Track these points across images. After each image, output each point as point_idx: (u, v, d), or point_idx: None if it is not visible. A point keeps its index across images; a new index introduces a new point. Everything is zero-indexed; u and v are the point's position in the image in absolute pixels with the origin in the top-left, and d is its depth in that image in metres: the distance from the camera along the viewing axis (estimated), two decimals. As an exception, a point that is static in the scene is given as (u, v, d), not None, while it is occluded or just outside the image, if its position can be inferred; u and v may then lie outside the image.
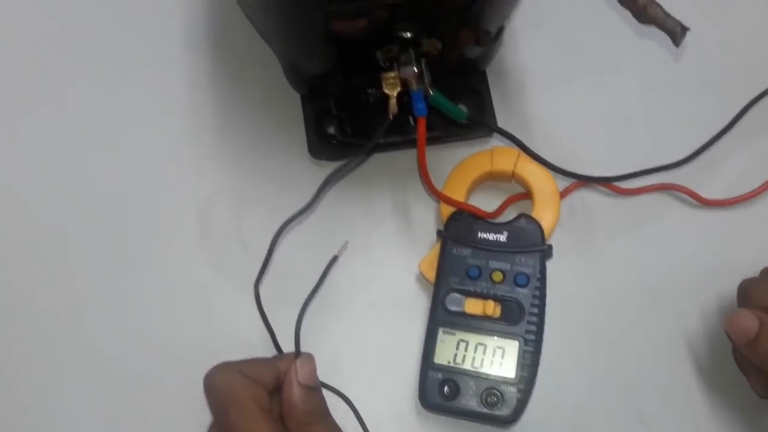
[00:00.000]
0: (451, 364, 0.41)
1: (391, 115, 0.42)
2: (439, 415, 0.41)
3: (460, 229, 0.43)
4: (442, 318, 0.42)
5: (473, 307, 0.42)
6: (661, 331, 0.44)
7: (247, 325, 0.43)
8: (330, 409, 0.39)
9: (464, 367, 0.41)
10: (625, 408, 0.42)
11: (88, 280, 0.44)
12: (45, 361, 0.43)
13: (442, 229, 0.44)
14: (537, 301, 0.41)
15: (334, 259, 0.44)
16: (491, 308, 0.41)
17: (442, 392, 0.40)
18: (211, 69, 0.49)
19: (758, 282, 0.40)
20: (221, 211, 0.46)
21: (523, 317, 0.41)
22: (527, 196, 0.45)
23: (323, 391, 0.40)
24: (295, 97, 0.47)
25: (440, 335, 0.41)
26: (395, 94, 0.41)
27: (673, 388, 0.43)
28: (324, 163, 0.46)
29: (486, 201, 0.45)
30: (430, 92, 0.41)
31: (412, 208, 0.46)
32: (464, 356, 0.41)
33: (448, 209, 0.44)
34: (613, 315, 0.44)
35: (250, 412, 0.35)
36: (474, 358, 0.41)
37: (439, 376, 0.41)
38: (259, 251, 0.43)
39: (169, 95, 0.48)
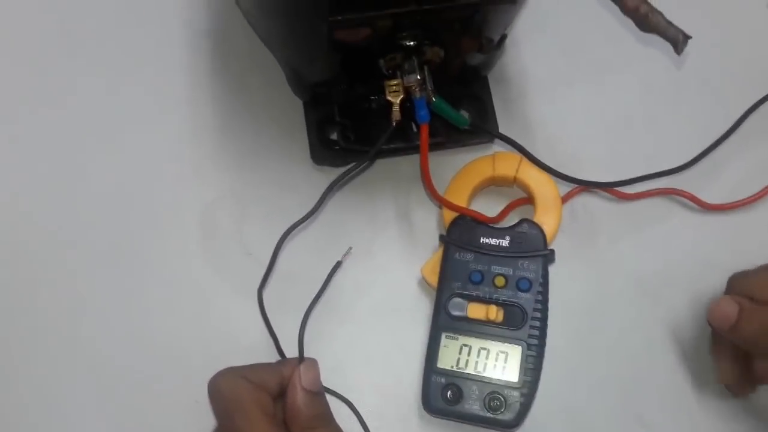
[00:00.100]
0: (454, 369, 0.41)
1: (394, 122, 0.42)
2: (442, 419, 0.42)
3: (463, 234, 0.43)
4: (445, 323, 0.42)
5: (476, 311, 0.42)
6: (663, 336, 0.44)
7: (251, 331, 0.43)
8: (334, 414, 0.39)
9: (467, 371, 0.41)
10: (628, 412, 0.42)
11: (90, 285, 0.45)
12: (46, 366, 0.43)
13: (444, 234, 0.44)
14: (540, 306, 0.42)
15: (338, 264, 0.44)
16: (494, 313, 0.42)
17: (445, 397, 0.41)
18: (213, 74, 0.49)
19: (745, 273, 0.41)
20: (223, 217, 0.46)
21: (526, 322, 0.41)
22: (529, 201, 0.45)
23: (327, 396, 0.40)
24: (298, 103, 0.47)
25: (443, 340, 0.42)
26: (398, 101, 0.42)
27: (675, 392, 0.43)
28: (326, 169, 0.46)
29: (488, 206, 0.45)
30: (433, 99, 0.41)
31: (414, 213, 0.46)
32: (467, 361, 0.41)
33: (451, 214, 0.44)
34: (615, 319, 0.44)
35: (255, 417, 0.35)
36: (477, 363, 0.41)
37: (442, 380, 0.41)
38: (261, 257, 0.43)
39: (170, 100, 0.48)
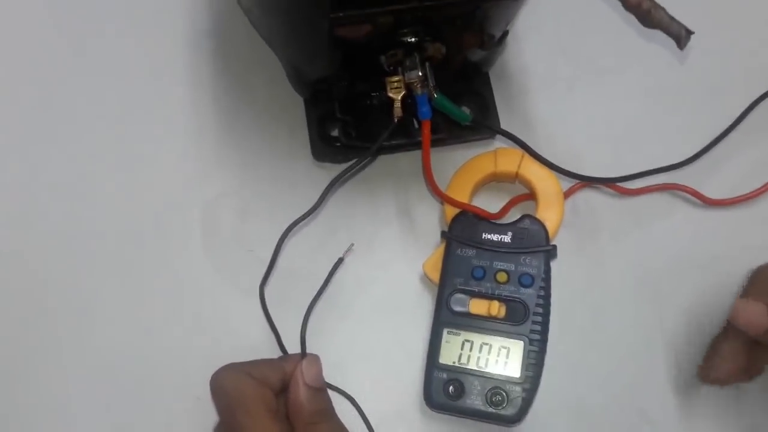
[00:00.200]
0: (456, 364, 0.41)
1: (395, 118, 0.42)
2: (444, 414, 0.42)
3: (465, 230, 0.43)
4: (447, 318, 0.42)
5: (478, 307, 0.42)
6: (665, 330, 0.44)
7: (253, 327, 0.43)
8: (336, 410, 0.39)
9: (469, 367, 0.41)
10: (630, 407, 0.43)
11: (94, 283, 0.45)
12: (50, 361, 0.43)
13: (446, 230, 0.44)
14: (542, 301, 0.42)
15: (340, 261, 0.44)
16: (496, 308, 0.42)
17: (447, 392, 0.41)
18: (214, 72, 0.49)
19: None
20: (225, 214, 0.46)
21: (528, 317, 0.41)
22: (531, 196, 0.45)
23: (329, 392, 0.40)
24: (299, 100, 0.47)
25: (445, 335, 0.42)
26: (400, 97, 0.42)
27: (679, 387, 0.43)
28: (327, 166, 0.47)
29: (490, 202, 0.45)
30: (435, 95, 0.41)
31: (416, 209, 0.46)
32: (469, 356, 0.41)
33: (453, 210, 0.44)
34: (617, 314, 0.44)
35: (258, 412, 0.36)
36: (479, 358, 0.41)
37: (444, 376, 0.41)
38: (263, 253, 0.43)
39: (172, 98, 0.48)
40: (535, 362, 0.41)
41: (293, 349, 0.42)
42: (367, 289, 0.44)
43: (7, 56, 0.50)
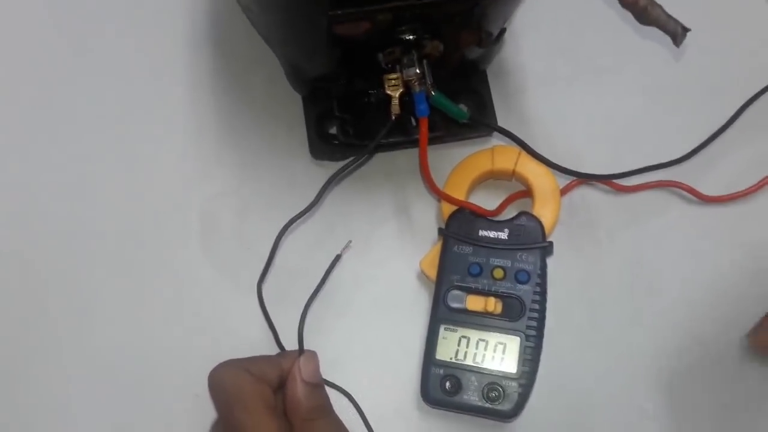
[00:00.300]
0: (453, 360, 0.41)
1: (393, 115, 0.42)
2: (441, 410, 0.42)
3: (462, 227, 0.44)
4: (444, 315, 0.42)
5: (474, 303, 0.42)
6: (662, 326, 0.44)
7: (250, 324, 0.43)
8: (333, 406, 0.39)
9: (466, 362, 0.41)
10: (626, 403, 0.43)
11: (93, 281, 0.45)
12: (49, 359, 0.44)
13: (443, 227, 0.44)
14: (538, 298, 0.42)
15: (338, 258, 0.44)
16: (492, 305, 0.42)
17: (444, 388, 0.41)
18: (212, 70, 0.49)
19: None
20: (224, 212, 0.46)
21: (524, 313, 0.42)
22: (528, 194, 0.46)
23: (327, 389, 0.41)
24: (297, 98, 0.47)
25: (442, 332, 0.42)
26: (397, 95, 0.42)
27: (674, 383, 0.43)
28: (325, 164, 0.47)
29: (487, 199, 0.46)
30: (432, 93, 0.41)
31: (413, 207, 0.46)
32: (466, 352, 0.41)
33: (450, 208, 0.44)
34: (613, 311, 0.44)
35: (256, 408, 0.36)
36: (475, 354, 0.41)
37: (441, 372, 0.41)
38: (261, 251, 0.44)
39: (171, 97, 0.49)
40: (531, 358, 0.41)
41: (291, 346, 0.42)
42: (365, 286, 0.45)
43: (7, 56, 0.50)
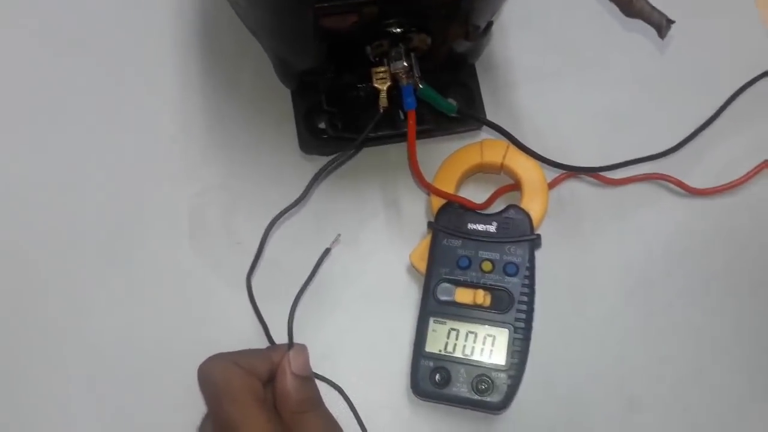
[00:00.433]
0: (443, 353, 0.41)
1: (381, 108, 0.42)
2: (431, 402, 0.42)
3: (451, 221, 0.44)
4: (433, 308, 0.42)
5: (463, 296, 0.42)
6: (649, 319, 0.44)
7: (241, 318, 0.43)
8: (324, 399, 0.39)
9: (455, 355, 0.41)
10: (615, 393, 0.43)
11: (82, 278, 0.45)
12: (40, 355, 0.44)
13: (432, 220, 0.44)
14: (526, 290, 0.42)
15: (327, 251, 0.44)
16: (481, 297, 0.42)
17: (433, 380, 0.41)
18: (201, 65, 0.49)
19: None
20: (213, 207, 0.46)
21: (513, 305, 0.42)
22: (516, 187, 0.46)
23: (317, 382, 0.41)
24: (286, 93, 0.47)
25: (431, 324, 0.42)
26: (385, 88, 0.42)
27: (663, 374, 0.43)
28: (315, 158, 0.47)
29: (476, 193, 0.46)
30: (420, 86, 0.41)
31: (402, 200, 0.46)
32: (455, 345, 0.42)
33: (439, 201, 0.44)
34: (601, 303, 0.45)
35: (245, 402, 0.36)
36: (465, 347, 0.41)
37: (431, 364, 0.41)
38: (251, 246, 0.43)
39: (159, 93, 0.48)
40: (520, 350, 0.41)
41: (281, 340, 0.42)
42: (354, 280, 0.45)
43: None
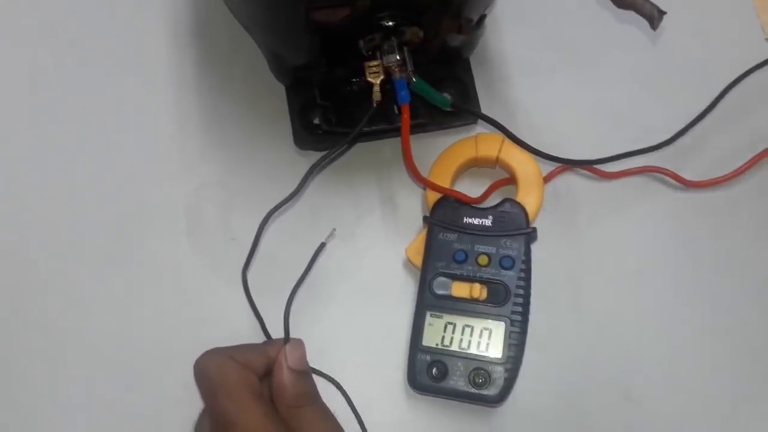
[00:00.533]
0: (439, 346, 0.41)
1: (374, 102, 0.42)
2: (428, 396, 0.42)
3: (446, 215, 0.44)
4: (430, 301, 0.42)
5: (460, 290, 0.42)
6: (645, 311, 0.44)
7: (237, 313, 0.43)
8: (321, 394, 0.39)
9: (452, 348, 0.41)
10: (612, 386, 0.43)
11: (79, 274, 0.45)
12: (36, 351, 0.44)
13: (428, 215, 0.44)
14: (522, 283, 0.42)
15: (322, 246, 0.44)
16: (477, 291, 0.42)
17: (430, 374, 0.41)
18: (195, 63, 0.49)
19: None
20: (209, 203, 0.46)
21: (509, 299, 0.42)
22: (511, 181, 0.46)
23: (314, 377, 0.41)
24: (280, 89, 0.47)
25: (428, 318, 0.42)
26: (378, 82, 0.42)
27: (659, 367, 0.43)
28: (310, 153, 0.47)
29: (471, 187, 0.46)
30: (413, 79, 0.41)
31: (398, 195, 0.46)
32: (452, 338, 0.41)
33: (434, 195, 0.44)
34: (597, 296, 0.44)
35: (242, 396, 0.36)
36: (461, 340, 0.41)
37: (428, 358, 0.41)
38: (247, 241, 0.44)
39: (154, 90, 0.48)
40: (516, 343, 0.41)
41: (277, 334, 0.42)
42: (351, 275, 0.45)
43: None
